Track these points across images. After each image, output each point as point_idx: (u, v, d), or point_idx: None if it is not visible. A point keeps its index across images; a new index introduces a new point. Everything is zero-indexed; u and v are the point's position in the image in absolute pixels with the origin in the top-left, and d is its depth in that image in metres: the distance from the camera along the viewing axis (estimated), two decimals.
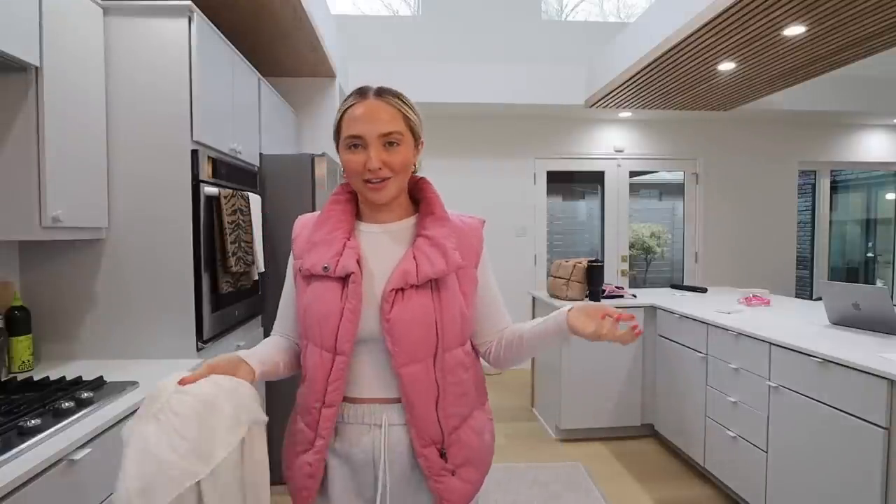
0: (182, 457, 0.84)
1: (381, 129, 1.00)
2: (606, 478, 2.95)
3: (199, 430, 0.86)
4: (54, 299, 1.95)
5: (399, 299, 1.01)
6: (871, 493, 1.80)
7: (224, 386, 0.92)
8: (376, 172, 1.00)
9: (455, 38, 4.90)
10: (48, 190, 1.59)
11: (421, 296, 1.02)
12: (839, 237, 6.04)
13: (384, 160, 1.01)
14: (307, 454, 1.06)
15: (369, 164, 1.00)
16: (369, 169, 1.00)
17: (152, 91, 1.94)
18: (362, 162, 1.01)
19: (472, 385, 1.11)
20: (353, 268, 1.01)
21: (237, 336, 2.39)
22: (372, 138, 1.00)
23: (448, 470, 1.05)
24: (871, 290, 2.37)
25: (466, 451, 1.08)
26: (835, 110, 4.85)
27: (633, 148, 5.24)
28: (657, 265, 5.87)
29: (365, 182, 1.02)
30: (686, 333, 3.02)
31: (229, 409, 0.89)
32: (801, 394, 2.12)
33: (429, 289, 1.03)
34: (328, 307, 1.01)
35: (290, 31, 2.90)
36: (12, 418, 1.27)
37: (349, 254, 1.03)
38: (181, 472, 0.83)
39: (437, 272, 1.02)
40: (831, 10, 2.61)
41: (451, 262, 1.04)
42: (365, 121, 1.00)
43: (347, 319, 1.00)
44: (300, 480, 1.07)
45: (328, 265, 1.02)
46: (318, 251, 1.05)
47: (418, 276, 1.01)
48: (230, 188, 2.29)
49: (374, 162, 0.99)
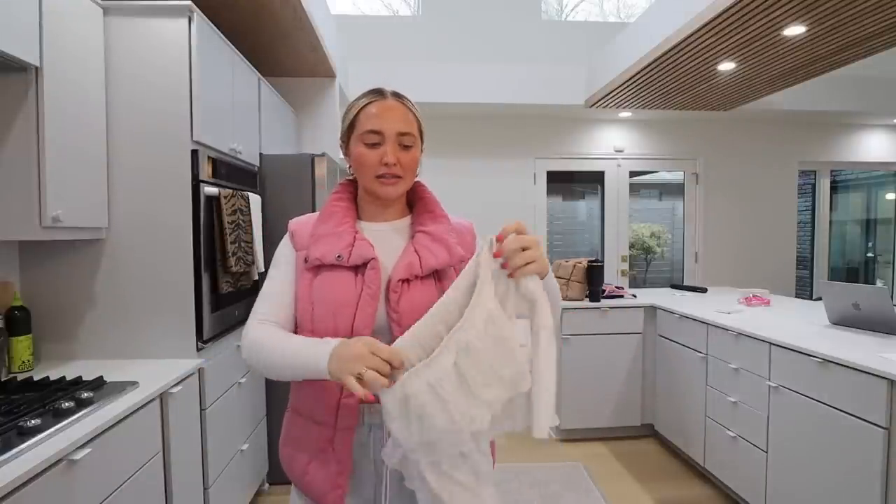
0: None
1: (399, 128, 1.04)
2: (606, 478, 2.95)
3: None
4: (54, 299, 1.95)
5: (405, 290, 1.02)
6: (871, 493, 1.80)
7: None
8: (391, 168, 1.03)
9: (455, 38, 4.90)
10: (48, 190, 1.59)
11: (426, 286, 1.03)
12: (839, 237, 6.04)
13: (399, 158, 1.03)
14: (328, 453, 1.03)
15: (386, 158, 1.02)
16: (385, 164, 1.02)
17: (152, 91, 1.94)
18: (379, 157, 1.03)
19: None
20: (372, 254, 1.03)
21: (237, 336, 2.39)
22: (390, 135, 1.03)
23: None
24: (871, 290, 2.37)
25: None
26: (835, 110, 4.85)
27: (633, 148, 5.24)
28: (657, 265, 5.87)
29: (378, 177, 1.04)
30: (686, 333, 3.02)
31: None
32: (801, 394, 2.12)
33: (432, 280, 1.05)
34: (344, 295, 1.01)
35: (290, 31, 2.90)
36: (12, 418, 1.27)
37: (363, 244, 1.04)
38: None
39: (441, 263, 1.05)
40: (831, 10, 2.61)
41: (455, 254, 1.07)
42: (385, 118, 1.03)
43: (367, 304, 1.00)
44: (330, 480, 1.03)
45: (341, 254, 1.03)
46: (327, 242, 1.05)
47: (422, 267, 1.03)
48: (230, 188, 2.29)
49: (391, 157, 1.02)
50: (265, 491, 2.82)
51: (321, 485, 1.03)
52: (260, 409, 2.67)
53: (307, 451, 1.06)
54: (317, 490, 1.04)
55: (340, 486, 1.03)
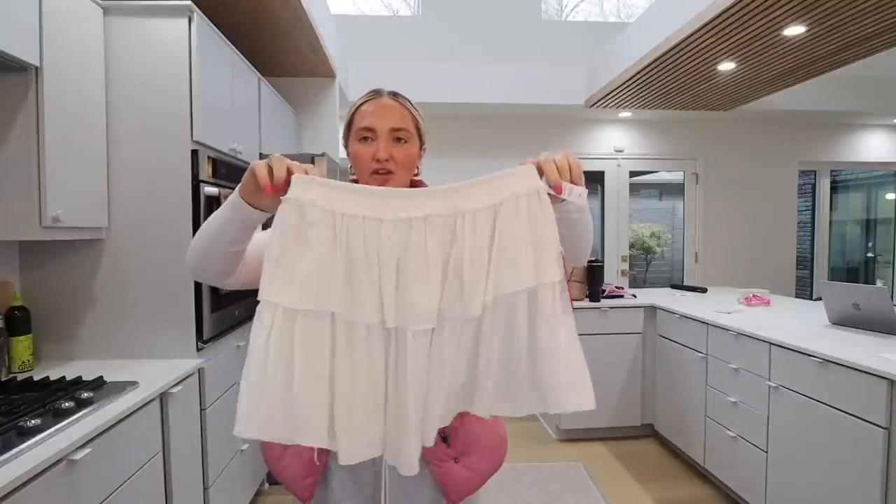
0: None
1: (391, 124, 1.04)
2: (606, 478, 2.95)
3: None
4: (54, 299, 1.95)
5: None
6: (871, 493, 1.80)
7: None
8: (384, 163, 1.03)
9: (455, 38, 4.90)
10: (48, 190, 1.59)
11: None
12: (839, 237, 6.04)
13: (392, 153, 1.04)
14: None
15: (378, 154, 1.03)
16: (377, 159, 1.03)
17: (152, 91, 1.94)
18: (372, 153, 1.04)
19: None
20: None
21: (237, 336, 2.39)
22: (383, 131, 1.04)
23: (450, 456, 1.05)
24: (871, 290, 2.38)
25: (471, 439, 1.07)
26: (835, 110, 4.85)
27: (633, 148, 5.24)
28: (657, 265, 5.87)
29: (372, 173, 1.05)
30: (686, 333, 3.02)
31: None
32: (801, 394, 2.12)
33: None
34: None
35: (290, 31, 2.90)
36: (12, 418, 1.27)
37: None
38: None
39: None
40: (831, 10, 2.61)
41: None
42: (377, 115, 1.05)
43: None
44: (304, 467, 1.04)
45: None
46: None
47: None
48: (230, 188, 2.29)
49: (383, 153, 1.03)
50: (265, 491, 2.82)
51: (295, 471, 1.04)
52: None
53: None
54: (290, 476, 1.05)
55: (312, 475, 1.03)
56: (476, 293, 0.81)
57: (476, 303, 0.81)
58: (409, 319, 0.80)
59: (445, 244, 0.82)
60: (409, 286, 0.81)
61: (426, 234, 0.81)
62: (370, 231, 0.81)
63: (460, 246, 0.81)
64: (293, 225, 0.80)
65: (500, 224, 0.82)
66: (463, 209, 0.82)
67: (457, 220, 0.82)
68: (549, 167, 0.85)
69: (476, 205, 0.82)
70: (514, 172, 0.84)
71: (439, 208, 0.82)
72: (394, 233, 0.81)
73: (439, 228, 0.82)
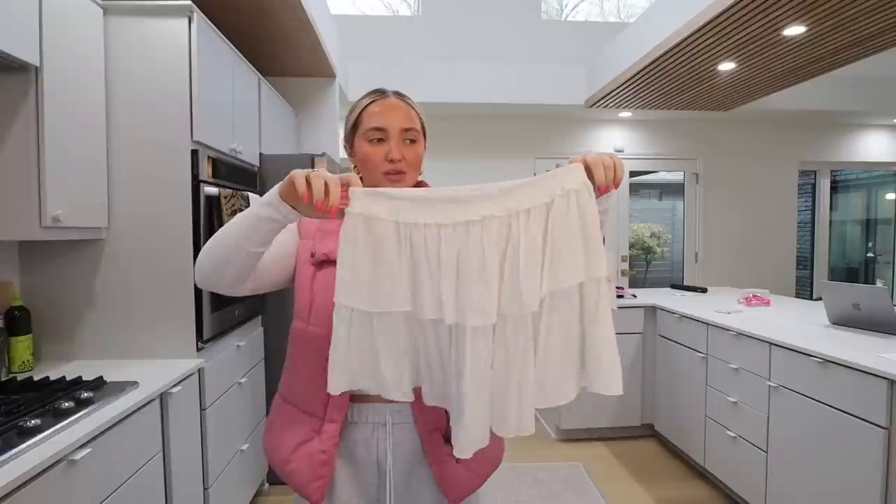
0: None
1: (402, 124, 1.05)
2: (606, 478, 2.95)
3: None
4: (54, 299, 1.95)
5: None
6: (871, 493, 1.80)
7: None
8: (396, 164, 1.03)
9: (455, 38, 4.90)
10: (48, 190, 1.59)
11: None
12: (839, 237, 6.04)
13: (403, 154, 1.04)
14: (314, 442, 1.02)
15: (391, 154, 1.03)
16: (390, 160, 1.03)
17: (152, 91, 1.94)
18: (384, 153, 1.04)
19: None
20: None
21: (237, 336, 2.39)
22: (394, 131, 1.04)
23: (451, 455, 1.05)
24: (871, 290, 2.38)
25: None
26: (835, 110, 4.85)
27: (633, 148, 5.24)
28: (657, 265, 5.88)
29: (384, 174, 1.04)
30: (686, 333, 3.02)
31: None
32: (801, 394, 2.12)
33: None
34: None
35: (290, 31, 2.89)
36: (12, 418, 1.27)
37: None
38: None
39: None
40: (831, 11, 2.61)
41: None
42: (387, 115, 1.05)
43: None
44: (314, 469, 1.01)
45: None
46: (336, 239, 1.04)
47: None
48: (230, 188, 2.29)
49: (396, 153, 1.03)
50: (265, 491, 2.82)
51: (304, 473, 1.02)
52: (260, 409, 2.67)
53: (293, 439, 1.04)
54: (299, 479, 1.02)
55: (323, 477, 1.01)
56: (533, 289, 0.85)
57: (533, 298, 0.85)
58: (468, 316, 0.84)
59: (502, 243, 0.86)
60: (469, 286, 0.84)
61: (483, 235, 0.85)
62: (430, 236, 0.86)
63: (515, 244, 0.85)
64: (361, 237, 0.87)
65: (553, 220, 0.86)
66: (517, 209, 0.86)
67: (512, 220, 0.86)
68: (598, 170, 0.89)
69: (529, 204, 0.86)
70: (563, 170, 0.88)
71: (495, 210, 0.86)
72: (453, 236, 0.86)
73: (495, 229, 0.86)
